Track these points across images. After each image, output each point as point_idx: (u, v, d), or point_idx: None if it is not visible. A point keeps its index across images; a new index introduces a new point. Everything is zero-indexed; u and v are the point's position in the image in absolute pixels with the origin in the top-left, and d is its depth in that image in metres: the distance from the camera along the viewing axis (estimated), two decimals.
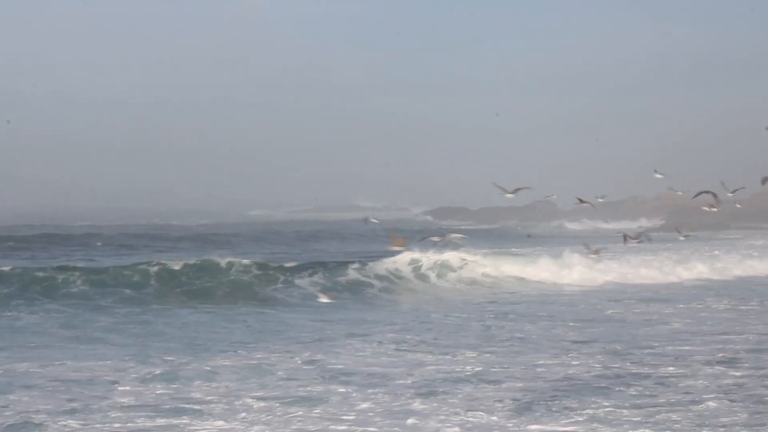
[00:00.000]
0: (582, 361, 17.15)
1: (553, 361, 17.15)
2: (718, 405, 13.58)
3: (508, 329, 21.59)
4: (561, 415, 13.15)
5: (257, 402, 13.78)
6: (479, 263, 33.83)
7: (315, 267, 31.83)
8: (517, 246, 46.41)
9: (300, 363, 17.01)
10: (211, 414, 13.08)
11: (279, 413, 13.22)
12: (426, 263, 32.73)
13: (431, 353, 18.12)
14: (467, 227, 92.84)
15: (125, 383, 15.06)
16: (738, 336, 20.06)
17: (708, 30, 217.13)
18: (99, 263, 34.58)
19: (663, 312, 24.53)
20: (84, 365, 16.55)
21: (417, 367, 16.59)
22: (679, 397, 14.07)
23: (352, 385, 15.07)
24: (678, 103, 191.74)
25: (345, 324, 22.65)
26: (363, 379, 15.56)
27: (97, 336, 20.47)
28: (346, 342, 19.59)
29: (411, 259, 32.71)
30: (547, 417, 13.09)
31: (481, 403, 13.87)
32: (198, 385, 14.88)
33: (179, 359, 17.09)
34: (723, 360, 17.11)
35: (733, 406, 13.56)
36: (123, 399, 13.91)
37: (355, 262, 32.98)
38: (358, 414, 13.30)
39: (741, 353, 17.81)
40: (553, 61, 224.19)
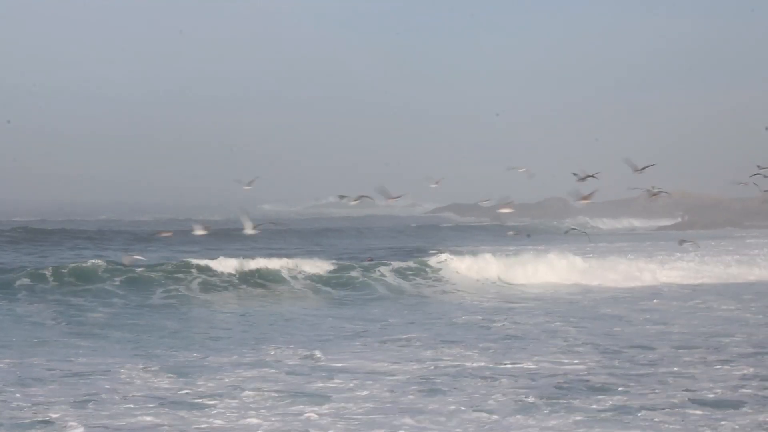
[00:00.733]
0: (582, 360, 17.52)
1: (555, 359, 17.52)
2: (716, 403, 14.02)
3: (513, 328, 22.19)
4: (563, 413, 13.46)
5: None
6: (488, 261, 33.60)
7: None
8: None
9: (304, 359, 17.59)
10: None
11: (285, 408, 13.69)
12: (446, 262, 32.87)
13: (433, 350, 18.66)
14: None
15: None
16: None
17: (708, 25, 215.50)
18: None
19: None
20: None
21: (418, 364, 17.03)
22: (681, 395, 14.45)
23: (355, 380, 15.51)
24: (678, 99, 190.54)
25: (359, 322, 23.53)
26: (366, 376, 15.98)
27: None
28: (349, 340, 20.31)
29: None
30: (549, 414, 13.40)
31: (484, 401, 14.18)
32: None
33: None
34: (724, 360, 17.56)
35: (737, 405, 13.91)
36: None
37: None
38: (361, 411, 13.63)
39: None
40: (553, 57, 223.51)
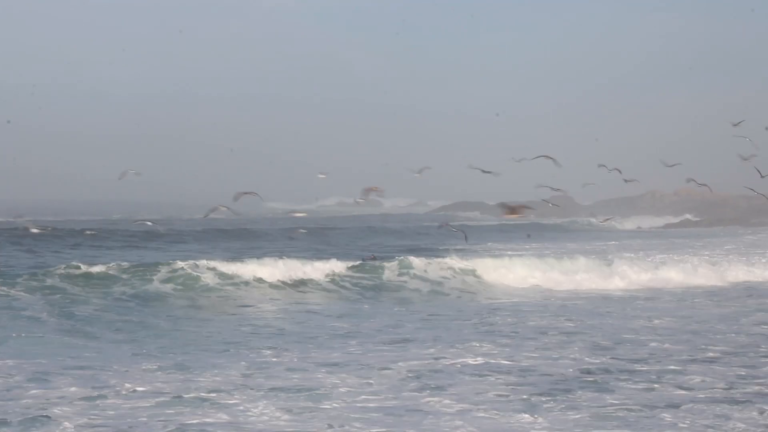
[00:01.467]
0: (577, 358, 17.65)
1: (551, 357, 17.71)
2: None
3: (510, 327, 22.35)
4: (565, 410, 13.60)
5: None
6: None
7: None
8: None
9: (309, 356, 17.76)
10: None
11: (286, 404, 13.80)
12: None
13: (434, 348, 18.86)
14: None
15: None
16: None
17: (707, 23, 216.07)
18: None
19: None
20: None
21: (419, 362, 17.19)
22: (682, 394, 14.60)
23: (357, 377, 15.67)
24: (677, 98, 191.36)
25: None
26: (367, 372, 16.15)
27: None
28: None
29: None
30: (551, 412, 13.51)
31: (485, 398, 14.32)
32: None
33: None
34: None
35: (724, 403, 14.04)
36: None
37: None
38: (362, 408, 13.77)
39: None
40: (553, 56, 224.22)
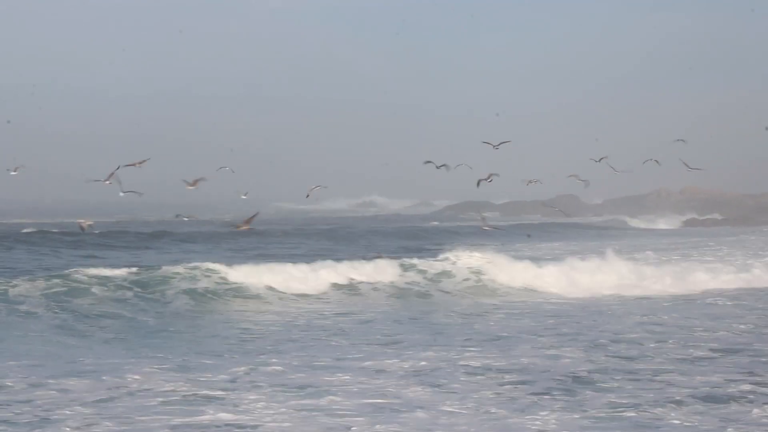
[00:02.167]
0: (578, 356, 17.76)
1: (552, 356, 17.82)
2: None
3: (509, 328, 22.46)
4: (565, 409, 13.69)
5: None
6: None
7: None
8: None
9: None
10: None
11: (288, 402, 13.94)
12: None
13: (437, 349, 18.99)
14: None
15: None
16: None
17: (707, 22, 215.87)
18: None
19: None
20: None
21: (422, 361, 17.32)
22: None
23: (358, 377, 15.81)
24: (677, 96, 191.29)
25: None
26: (366, 372, 16.29)
27: None
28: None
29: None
30: (553, 410, 13.63)
31: (487, 396, 14.46)
32: None
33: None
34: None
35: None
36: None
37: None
38: (366, 406, 13.89)
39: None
40: (552, 55, 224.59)
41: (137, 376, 15.83)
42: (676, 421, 13.10)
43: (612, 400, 14.22)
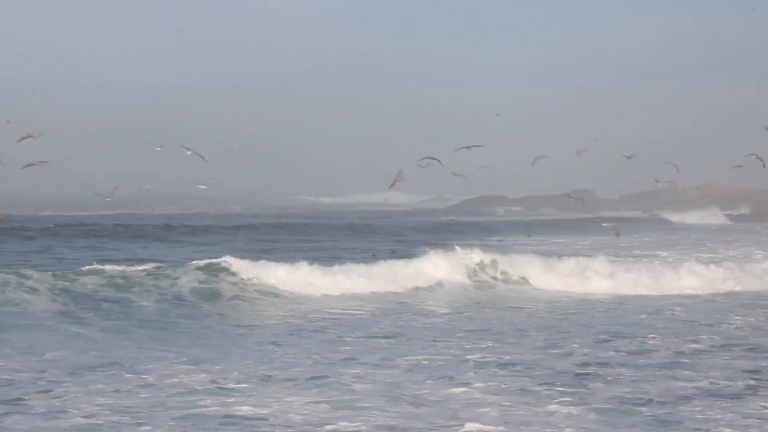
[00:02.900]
0: (578, 352, 17.96)
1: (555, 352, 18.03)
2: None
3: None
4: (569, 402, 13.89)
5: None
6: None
7: None
8: None
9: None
10: None
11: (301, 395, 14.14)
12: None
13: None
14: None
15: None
16: None
17: (707, 22, 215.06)
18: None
19: None
20: None
21: (428, 358, 17.50)
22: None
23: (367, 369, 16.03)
24: (677, 95, 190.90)
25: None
26: (375, 367, 16.48)
27: None
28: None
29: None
30: (560, 403, 13.81)
31: (497, 387, 14.61)
32: None
33: None
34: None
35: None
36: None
37: None
38: (363, 398, 14.07)
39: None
40: (552, 54, 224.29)
41: (152, 367, 16.05)
42: None
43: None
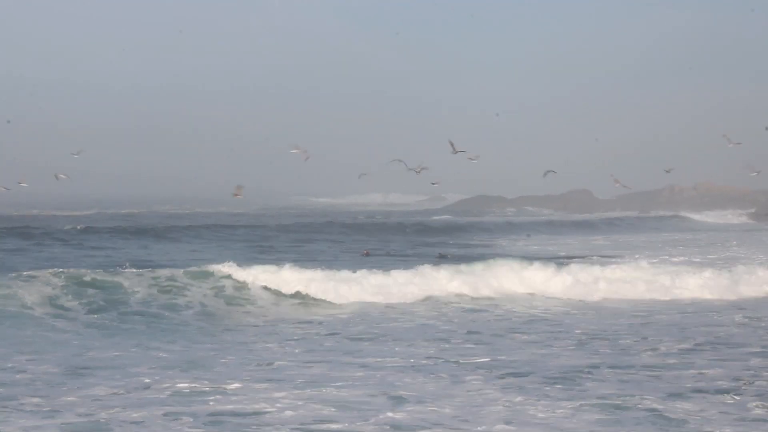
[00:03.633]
0: (578, 353, 17.95)
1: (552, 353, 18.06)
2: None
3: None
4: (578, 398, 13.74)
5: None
6: None
7: None
8: None
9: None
10: None
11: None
12: None
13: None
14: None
15: None
16: None
17: (706, 19, 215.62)
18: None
19: None
20: None
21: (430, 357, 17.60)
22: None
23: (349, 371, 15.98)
24: (676, 93, 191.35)
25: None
26: (359, 367, 16.49)
27: None
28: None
29: None
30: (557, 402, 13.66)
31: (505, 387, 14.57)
32: None
33: None
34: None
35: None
36: None
37: None
38: (358, 396, 14.04)
39: None
40: (551, 54, 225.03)
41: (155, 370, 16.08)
42: None
43: None
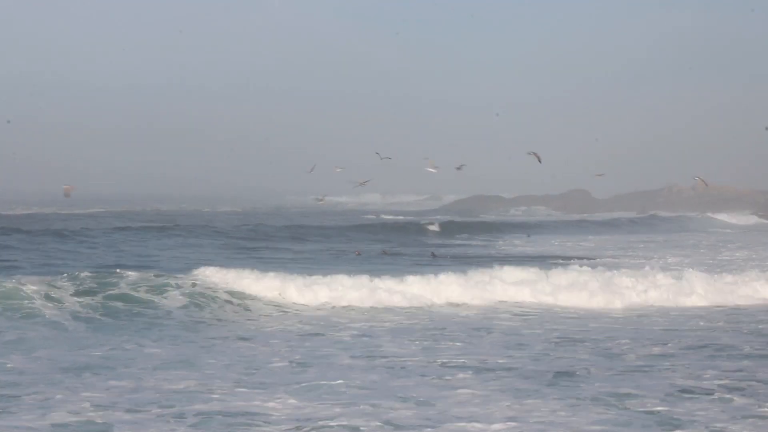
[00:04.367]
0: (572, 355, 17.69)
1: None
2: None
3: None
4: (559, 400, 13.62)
5: None
6: None
7: None
8: None
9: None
10: None
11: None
12: None
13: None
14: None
15: None
16: None
17: (706, 19, 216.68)
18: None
19: None
20: None
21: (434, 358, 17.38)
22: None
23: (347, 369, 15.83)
24: (675, 93, 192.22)
25: None
26: (357, 367, 16.33)
27: None
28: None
29: None
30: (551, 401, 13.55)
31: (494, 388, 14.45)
32: None
33: None
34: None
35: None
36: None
37: None
38: (355, 394, 13.86)
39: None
40: (551, 54, 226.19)
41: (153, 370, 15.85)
42: None
43: None
